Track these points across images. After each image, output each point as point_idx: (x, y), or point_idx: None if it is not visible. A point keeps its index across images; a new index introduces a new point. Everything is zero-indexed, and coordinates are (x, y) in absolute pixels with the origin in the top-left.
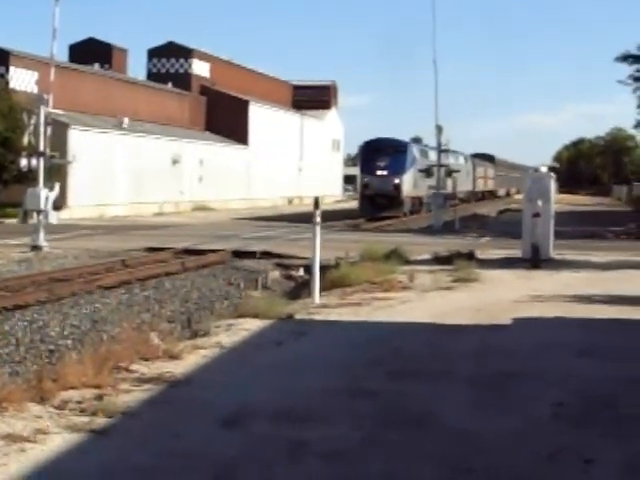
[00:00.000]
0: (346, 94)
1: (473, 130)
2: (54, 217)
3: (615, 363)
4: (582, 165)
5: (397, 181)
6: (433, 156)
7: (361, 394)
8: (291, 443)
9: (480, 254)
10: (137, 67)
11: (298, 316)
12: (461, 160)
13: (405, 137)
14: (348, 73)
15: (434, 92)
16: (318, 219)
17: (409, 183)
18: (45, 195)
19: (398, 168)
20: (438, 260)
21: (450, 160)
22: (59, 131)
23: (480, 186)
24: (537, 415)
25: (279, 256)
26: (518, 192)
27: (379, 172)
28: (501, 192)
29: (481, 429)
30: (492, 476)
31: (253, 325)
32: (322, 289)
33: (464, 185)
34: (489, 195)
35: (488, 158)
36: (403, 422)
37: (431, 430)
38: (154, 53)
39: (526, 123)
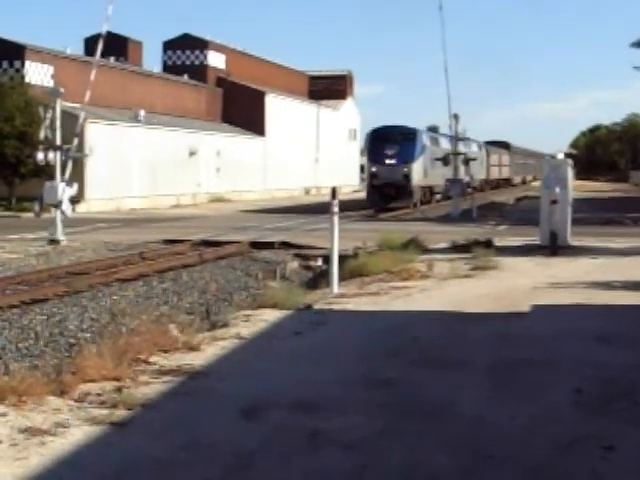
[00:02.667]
0: (362, 83)
1: (488, 118)
2: (69, 208)
3: (635, 350)
4: (599, 151)
5: (406, 170)
6: (444, 144)
7: (380, 384)
8: (310, 433)
9: (498, 242)
10: (152, 60)
11: (317, 306)
12: (474, 147)
13: (422, 125)
14: (364, 62)
15: (446, 89)
16: (335, 209)
17: (419, 172)
18: (62, 188)
19: (407, 156)
20: (456, 248)
21: (462, 148)
22: (75, 124)
23: (494, 174)
24: (556, 402)
25: (297, 246)
26: (534, 179)
27: (387, 161)
28: (517, 180)
29: (500, 417)
30: (511, 464)
31: (272, 316)
32: (340, 279)
33: (477, 173)
34: (504, 183)
35: (503, 145)
36: (422, 411)
37: (450, 419)
38: (169, 45)
39: (541, 110)
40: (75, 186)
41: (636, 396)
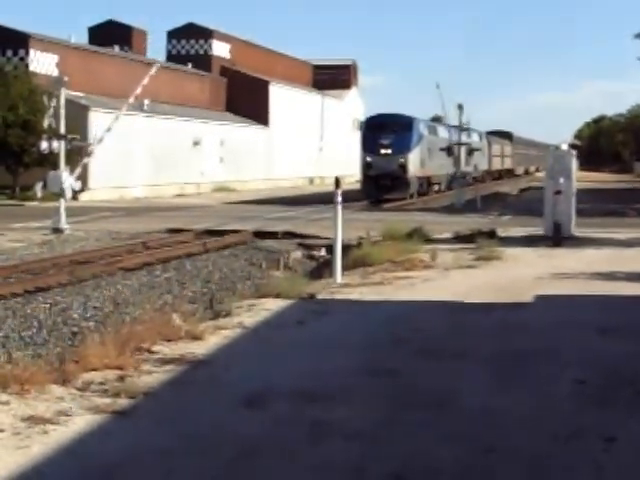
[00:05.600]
0: (367, 73)
1: (492, 109)
2: (69, 192)
3: (637, 340)
4: (603, 142)
5: (402, 160)
6: (442, 133)
7: (382, 374)
8: (313, 423)
9: (502, 232)
10: (157, 49)
11: (320, 296)
12: (475, 137)
13: (426, 116)
14: (368, 52)
15: (443, 83)
16: (339, 199)
17: (415, 162)
18: (65, 176)
19: (403, 146)
20: (460, 239)
21: (463, 137)
22: (79, 114)
23: (496, 165)
24: (559, 393)
25: (301, 236)
26: (537, 170)
27: (383, 151)
28: (519, 170)
29: (502, 408)
30: (513, 456)
31: (275, 305)
32: (344, 269)
33: (479, 164)
34: (507, 174)
35: (505, 135)
36: (424, 402)
37: (452, 410)
38: (174, 34)
39: (544, 101)
40: (79, 182)
41: (638, 386)
